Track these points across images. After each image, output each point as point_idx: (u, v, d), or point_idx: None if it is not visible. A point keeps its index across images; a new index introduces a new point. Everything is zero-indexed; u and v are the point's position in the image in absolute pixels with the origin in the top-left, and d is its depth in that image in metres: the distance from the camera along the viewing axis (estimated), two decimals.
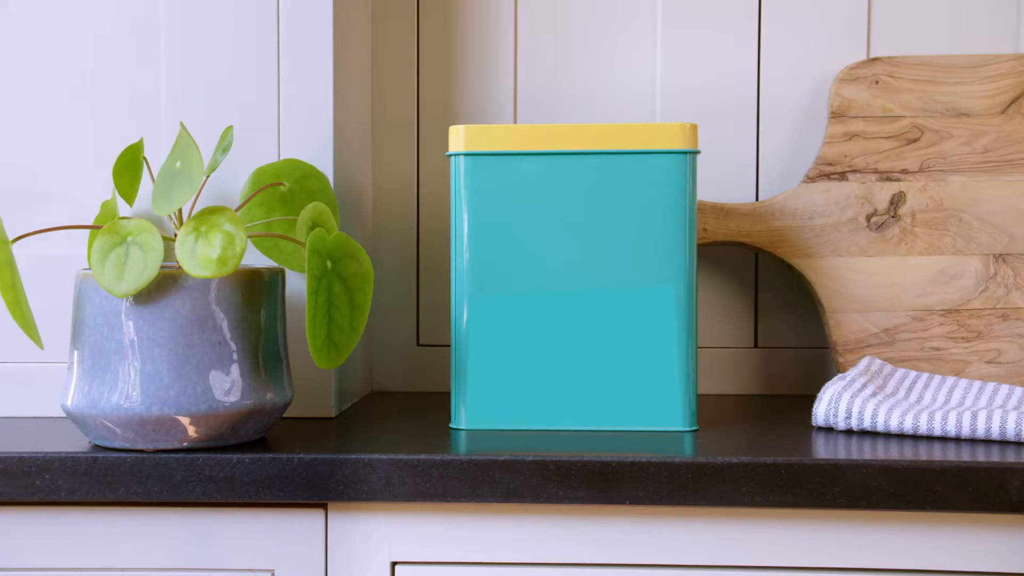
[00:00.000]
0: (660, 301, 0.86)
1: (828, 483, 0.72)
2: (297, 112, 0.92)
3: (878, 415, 0.83)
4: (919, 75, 1.04)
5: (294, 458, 0.75)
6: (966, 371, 1.00)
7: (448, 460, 0.74)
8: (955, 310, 1.02)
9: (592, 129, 0.86)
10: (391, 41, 1.11)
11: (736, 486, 0.73)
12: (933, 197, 1.03)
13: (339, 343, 0.78)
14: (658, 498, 0.73)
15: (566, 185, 0.86)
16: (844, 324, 1.02)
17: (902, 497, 0.72)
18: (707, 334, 1.10)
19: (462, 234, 0.87)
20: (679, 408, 0.86)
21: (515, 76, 1.10)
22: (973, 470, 0.72)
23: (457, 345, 0.87)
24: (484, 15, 1.10)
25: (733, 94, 1.09)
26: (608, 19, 1.10)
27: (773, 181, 1.10)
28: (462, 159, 0.87)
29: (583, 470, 0.74)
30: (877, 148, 1.04)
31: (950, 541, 0.74)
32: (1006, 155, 1.02)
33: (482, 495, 0.74)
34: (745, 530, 0.75)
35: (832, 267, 1.03)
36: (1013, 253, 1.02)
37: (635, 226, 0.86)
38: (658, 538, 0.75)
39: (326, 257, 0.77)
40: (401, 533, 0.77)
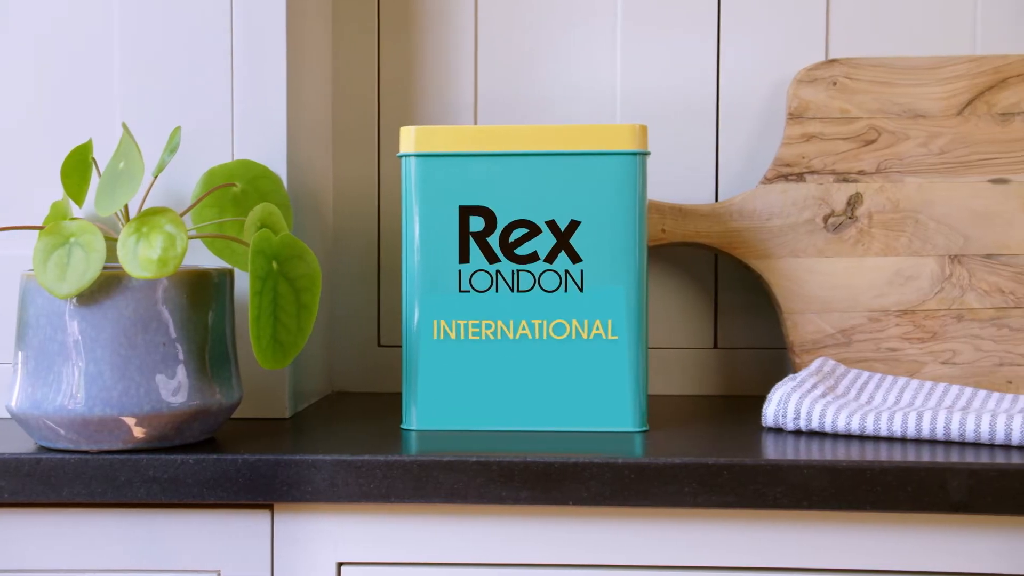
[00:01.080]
0: (613, 302, 0.86)
1: (770, 483, 0.73)
2: (251, 113, 0.92)
3: (826, 416, 0.83)
4: (876, 76, 1.04)
5: (238, 459, 0.75)
6: (921, 372, 1.01)
7: (392, 461, 0.74)
8: (911, 311, 1.02)
9: (542, 130, 0.87)
10: (352, 43, 1.11)
11: (679, 486, 0.73)
12: (890, 198, 1.03)
13: (285, 344, 0.78)
14: (601, 498, 0.73)
15: (517, 186, 0.86)
16: (801, 325, 1.03)
17: (843, 497, 0.72)
18: (666, 335, 1.10)
19: (413, 235, 0.87)
20: (629, 409, 0.86)
21: (475, 77, 1.11)
22: (913, 470, 0.72)
23: (408, 346, 0.87)
24: (444, 17, 1.10)
25: (693, 95, 1.09)
26: (569, 21, 1.10)
27: (733, 182, 1.10)
28: (413, 160, 0.87)
29: (526, 471, 0.74)
30: (834, 149, 1.04)
31: (891, 541, 0.74)
32: (962, 156, 1.03)
33: (426, 496, 0.74)
34: (688, 530, 0.75)
35: (789, 268, 1.03)
36: (968, 254, 1.02)
37: (588, 227, 0.86)
38: (601, 538, 0.76)
39: (272, 258, 0.77)
40: (347, 534, 0.77)
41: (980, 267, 1.02)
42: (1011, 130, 1.03)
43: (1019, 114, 1.03)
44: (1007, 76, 1.03)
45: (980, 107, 1.03)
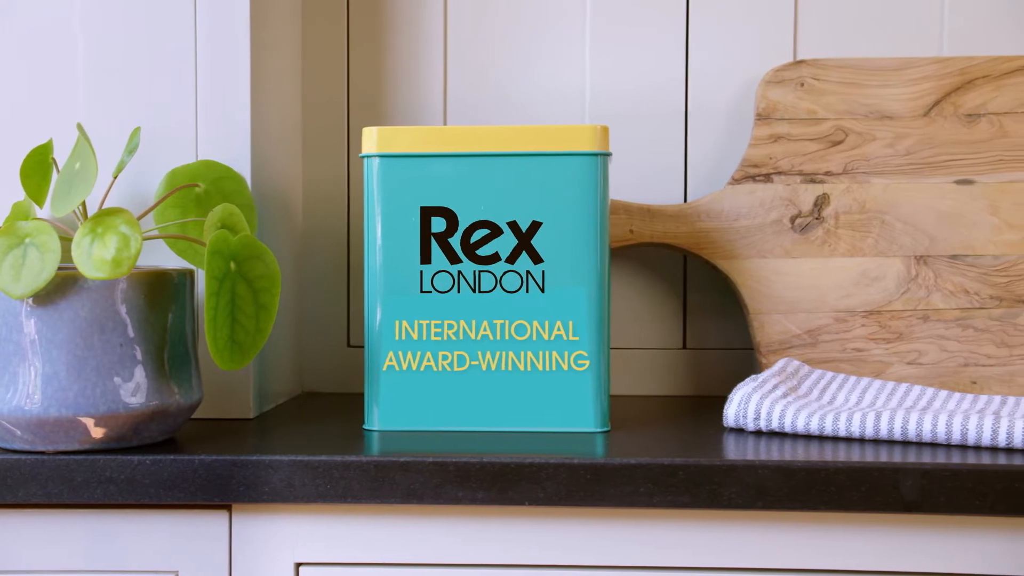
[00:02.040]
0: (574, 302, 0.86)
1: (724, 483, 0.73)
2: (214, 114, 0.92)
3: (785, 416, 0.83)
4: (843, 77, 1.05)
5: (195, 459, 0.75)
6: (887, 372, 1.01)
7: (349, 461, 0.75)
8: (877, 311, 1.02)
9: (504, 131, 0.87)
10: (321, 44, 1.11)
11: (634, 487, 0.73)
12: (856, 199, 1.03)
13: (244, 344, 0.78)
14: (557, 499, 0.74)
15: (479, 187, 0.86)
16: (768, 325, 1.03)
17: (797, 497, 0.72)
18: (636, 336, 1.10)
19: (375, 236, 0.87)
20: (591, 410, 0.86)
21: (445, 78, 1.11)
22: (866, 470, 0.72)
23: (370, 346, 0.87)
24: (414, 18, 1.10)
25: (662, 96, 1.10)
26: (538, 23, 1.10)
27: (702, 183, 1.10)
28: (375, 161, 0.87)
29: (482, 471, 0.74)
30: (802, 150, 1.04)
31: (844, 540, 0.74)
32: (928, 157, 1.03)
33: (383, 496, 0.74)
34: (643, 530, 0.75)
35: (756, 268, 1.03)
36: (934, 255, 1.02)
37: (550, 228, 0.86)
38: (557, 539, 0.76)
39: (230, 258, 0.77)
40: (305, 534, 0.77)
41: (946, 268, 1.02)
42: (977, 131, 1.03)
43: (985, 115, 1.03)
44: (973, 77, 1.03)
45: (946, 108, 1.04)
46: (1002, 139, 1.03)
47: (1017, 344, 1.00)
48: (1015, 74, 1.03)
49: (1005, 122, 1.03)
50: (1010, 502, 0.71)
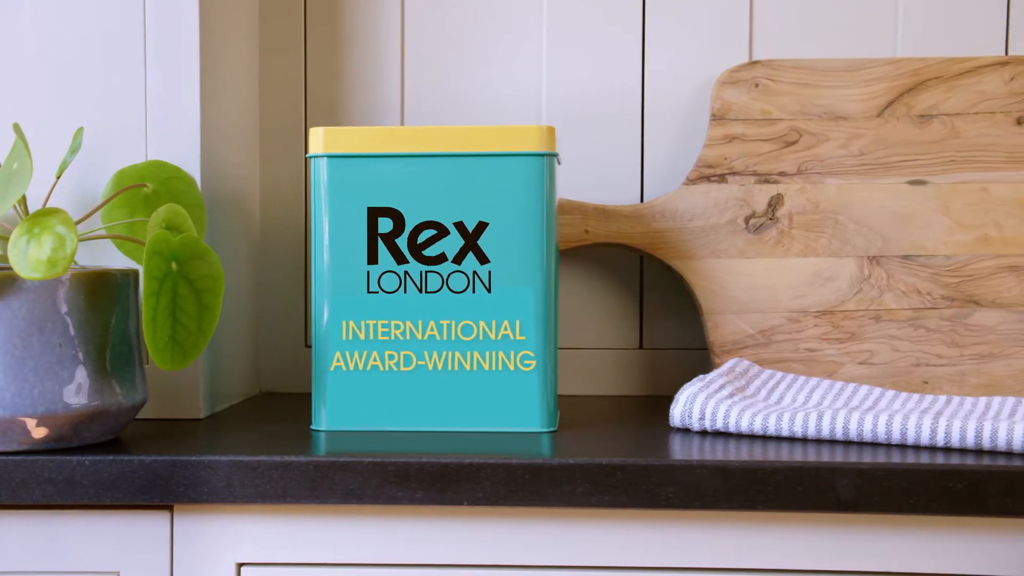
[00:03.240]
0: (520, 302, 0.86)
1: (662, 483, 0.73)
2: (164, 114, 0.92)
3: (730, 416, 0.84)
4: (798, 78, 1.05)
5: (135, 460, 0.75)
6: (839, 372, 1.01)
7: (288, 462, 0.75)
8: (829, 311, 1.02)
9: (450, 131, 0.87)
10: (279, 45, 1.11)
11: (573, 487, 0.73)
12: (810, 199, 1.04)
13: (185, 345, 0.78)
14: (496, 499, 0.74)
15: (426, 187, 0.86)
16: (721, 325, 1.03)
17: (734, 497, 0.73)
18: (592, 336, 1.10)
19: (322, 236, 0.87)
20: (537, 409, 0.86)
21: (402, 80, 1.11)
22: (803, 470, 0.72)
23: (317, 347, 0.87)
24: (371, 19, 1.10)
25: (618, 97, 1.10)
26: (495, 25, 1.10)
27: (658, 183, 1.10)
28: (323, 161, 0.87)
29: (421, 471, 0.74)
30: (756, 151, 1.04)
31: (781, 540, 0.75)
32: (881, 158, 1.03)
33: (322, 496, 0.74)
34: (581, 530, 0.76)
35: (711, 269, 1.04)
36: (887, 255, 1.03)
37: (496, 228, 0.86)
38: (496, 539, 0.76)
39: (170, 259, 0.77)
40: (246, 534, 0.77)
41: (898, 268, 1.02)
42: (929, 132, 1.03)
43: (937, 116, 1.03)
44: (926, 78, 1.04)
45: (899, 109, 1.04)
46: (954, 140, 1.03)
47: (968, 344, 1.01)
48: (967, 75, 1.04)
49: (957, 123, 1.03)
50: (944, 501, 0.71)
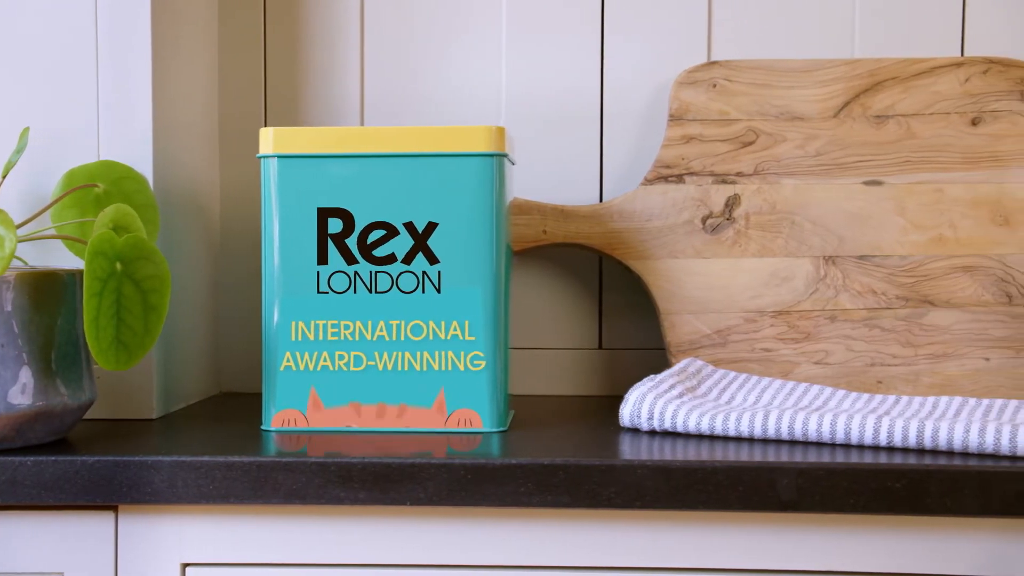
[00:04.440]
0: (469, 302, 0.86)
1: (604, 483, 0.73)
2: (116, 114, 0.92)
3: (678, 416, 0.84)
4: (755, 79, 1.05)
5: (78, 460, 0.75)
6: (794, 372, 1.01)
7: (231, 462, 0.75)
8: (785, 311, 1.03)
9: (400, 132, 0.87)
10: (238, 44, 1.11)
11: (515, 487, 0.73)
12: (767, 200, 1.04)
13: (131, 345, 0.78)
14: (438, 499, 0.74)
15: (375, 187, 0.86)
16: (678, 325, 1.03)
17: (675, 497, 0.73)
18: (551, 336, 1.11)
19: (272, 236, 0.87)
20: (487, 409, 0.86)
21: (362, 79, 1.11)
22: (744, 470, 0.73)
23: (267, 347, 0.87)
24: (331, 19, 1.10)
25: (578, 97, 1.10)
26: (455, 26, 1.10)
27: (617, 184, 1.10)
28: (272, 161, 0.87)
29: (364, 471, 0.74)
30: (713, 151, 1.05)
31: (723, 539, 0.75)
32: (837, 159, 1.04)
33: (265, 497, 0.75)
34: (524, 530, 0.76)
35: (668, 269, 1.04)
36: (842, 255, 1.03)
37: (446, 229, 0.86)
38: (439, 538, 0.76)
39: (115, 259, 0.77)
40: (191, 535, 0.77)
41: (854, 268, 1.03)
42: (884, 132, 1.04)
43: (893, 117, 1.04)
44: (882, 79, 1.04)
45: (855, 109, 1.04)
46: (909, 140, 1.03)
47: (922, 344, 1.01)
48: (923, 76, 1.04)
49: (912, 123, 1.03)
50: (883, 501, 0.71)
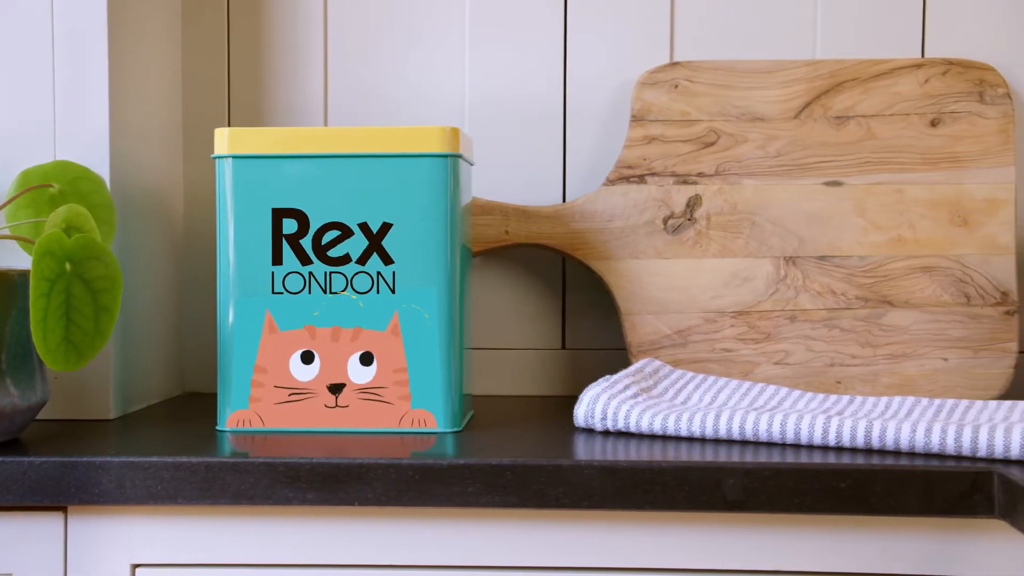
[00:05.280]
0: (424, 303, 0.86)
1: (551, 483, 0.73)
2: (72, 114, 0.92)
3: (631, 416, 0.84)
4: (716, 79, 1.05)
5: (25, 461, 0.75)
6: (754, 372, 1.02)
7: (179, 463, 0.75)
8: (746, 312, 1.03)
9: (355, 132, 0.87)
10: (202, 45, 1.10)
11: (462, 487, 0.74)
12: (728, 200, 1.04)
13: (80, 345, 0.78)
14: (386, 499, 0.74)
15: (330, 188, 0.86)
16: (639, 326, 1.03)
17: (622, 497, 0.73)
18: (515, 336, 1.11)
19: (228, 237, 0.87)
20: (441, 409, 0.86)
21: (325, 80, 1.11)
22: (690, 470, 0.73)
23: (222, 348, 0.87)
24: (294, 20, 1.10)
25: (541, 98, 1.10)
26: (418, 25, 1.10)
27: (580, 184, 1.11)
28: (227, 162, 0.87)
29: (312, 472, 0.74)
30: (675, 151, 1.05)
31: (669, 539, 0.75)
32: (798, 159, 1.04)
33: (213, 497, 0.74)
34: (471, 530, 0.76)
35: (629, 269, 1.04)
36: (803, 256, 1.03)
37: (400, 229, 0.86)
38: (387, 538, 0.76)
39: (64, 259, 0.77)
40: (141, 536, 0.77)
41: (814, 268, 1.03)
42: (845, 133, 1.04)
43: (853, 117, 1.04)
44: (842, 80, 1.04)
45: (816, 110, 1.04)
46: (869, 141, 1.04)
47: (881, 344, 1.01)
48: (883, 77, 1.04)
49: (872, 124, 1.04)
50: (828, 500, 0.72)
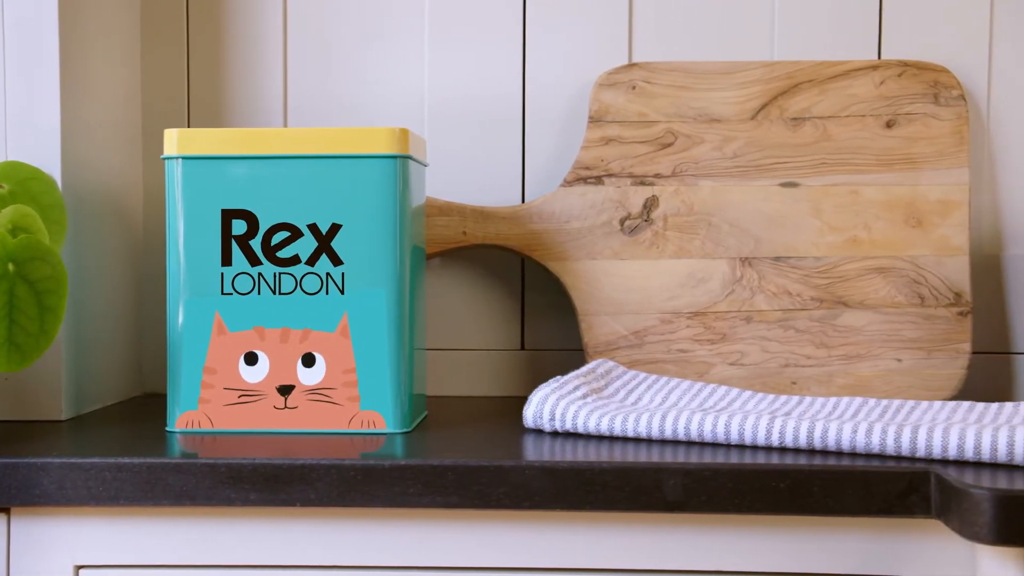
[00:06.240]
0: (373, 304, 0.86)
1: (493, 484, 0.73)
2: (22, 115, 0.92)
3: (578, 417, 0.84)
4: (674, 81, 1.05)
5: None
6: (710, 373, 1.02)
7: (120, 463, 0.74)
8: (702, 312, 1.03)
9: (304, 133, 0.87)
10: (161, 44, 1.10)
11: (404, 487, 0.74)
12: (685, 201, 1.04)
13: (24, 346, 0.78)
14: (328, 500, 0.74)
15: (279, 189, 0.86)
16: (596, 327, 1.04)
17: (563, 498, 0.73)
18: (474, 337, 1.11)
19: (177, 238, 0.87)
20: (390, 410, 0.86)
21: (285, 81, 1.11)
22: (630, 470, 0.73)
23: (172, 349, 0.87)
24: (254, 21, 1.10)
25: (500, 99, 1.10)
26: (378, 26, 1.10)
27: (540, 185, 1.11)
28: (177, 163, 0.87)
29: (254, 472, 0.74)
30: (632, 152, 1.05)
31: (610, 540, 0.75)
32: (754, 160, 1.04)
33: (155, 498, 0.74)
34: (413, 530, 0.76)
35: (586, 270, 1.04)
36: (759, 256, 1.03)
37: (349, 230, 0.86)
38: (329, 539, 0.76)
39: (6, 260, 0.77)
40: (84, 537, 0.77)
41: (769, 269, 1.03)
42: (801, 134, 1.04)
43: (809, 119, 1.04)
44: (799, 82, 1.05)
45: (773, 112, 1.05)
46: (825, 142, 1.04)
47: (836, 345, 1.01)
48: (839, 79, 1.04)
49: (828, 126, 1.04)
50: (767, 501, 0.72)
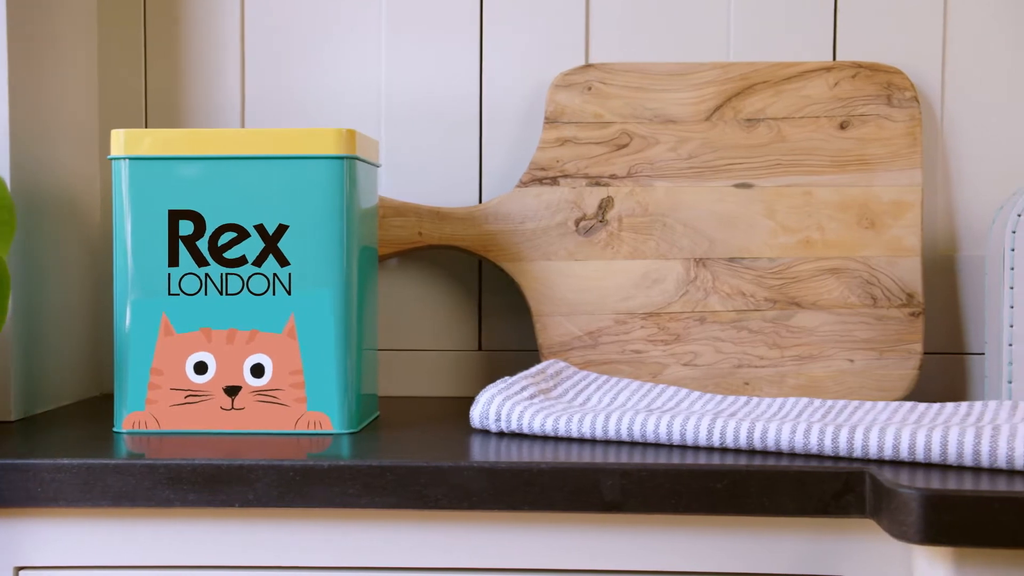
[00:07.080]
0: (320, 305, 0.86)
1: (432, 484, 0.73)
2: None
3: (523, 418, 0.84)
4: (629, 82, 1.06)
5: None
6: (663, 373, 1.02)
7: (59, 465, 0.74)
8: (656, 313, 1.03)
9: (250, 134, 0.87)
10: (118, 44, 1.10)
11: (343, 488, 0.74)
12: (640, 202, 1.04)
13: None
14: (267, 500, 0.74)
15: (226, 190, 0.86)
16: (550, 327, 1.04)
17: (502, 498, 0.73)
18: (430, 337, 1.11)
19: (124, 238, 0.87)
20: (336, 411, 0.86)
21: (242, 81, 1.11)
22: (569, 471, 0.73)
23: (118, 350, 0.87)
24: (210, 21, 1.10)
25: (457, 99, 1.10)
26: (335, 26, 1.10)
27: (497, 185, 1.11)
28: (123, 163, 0.87)
29: (193, 473, 0.74)
30: (588, 153, 1.05)
31: (548, 540, 0.75)
32: (709, 161, 1.04)
33: (94, 499, 0.74)
34: (352, 531, 0.76)
35: (541, 271, 1.04)
36: (713, 257, 1.04)
37: (296, 231, 0.86)
38: (269, 540, 0.76)
39: None
40: (25, 538, 0.77)
41: (723, 270, 1.03)
42: (755, 136, 1.04)
43: (764, 120, 1.04)
44: (754, 83, 1.05)
45: (727, 113, 1.05)
46: (780, 143, 1.04)
47: (788, 346, 1.02)
48: (793, 80, 1.05)
49: (783, 127, 1.04)
50: (704, 501, 0.72)
